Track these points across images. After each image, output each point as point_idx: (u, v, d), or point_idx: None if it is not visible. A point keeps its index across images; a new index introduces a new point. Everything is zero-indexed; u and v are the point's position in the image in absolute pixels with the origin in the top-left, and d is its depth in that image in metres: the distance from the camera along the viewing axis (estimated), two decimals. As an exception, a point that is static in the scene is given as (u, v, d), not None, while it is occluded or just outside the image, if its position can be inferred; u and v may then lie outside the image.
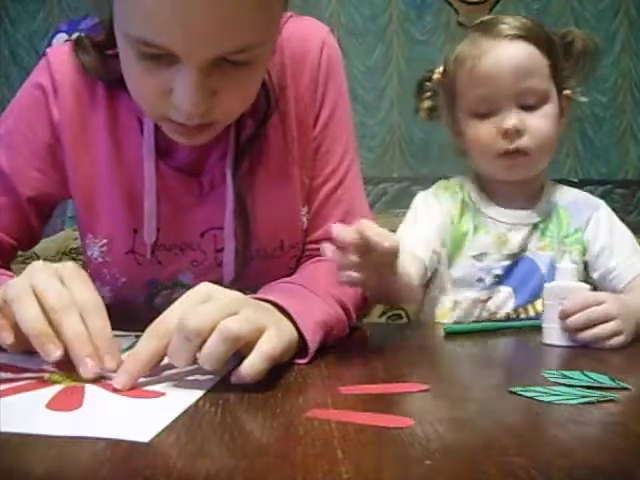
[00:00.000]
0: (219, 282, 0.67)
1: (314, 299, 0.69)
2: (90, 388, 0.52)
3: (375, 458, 0.38)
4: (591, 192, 1.08)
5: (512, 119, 0.91)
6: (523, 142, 0.92)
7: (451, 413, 0.48)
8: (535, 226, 0.98)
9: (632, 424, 0.46)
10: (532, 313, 0.95)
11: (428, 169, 2.59)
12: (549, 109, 0.93)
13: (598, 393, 0.52)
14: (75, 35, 0.87)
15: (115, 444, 0.39)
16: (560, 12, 2.63)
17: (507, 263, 0.96)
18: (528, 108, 0.92)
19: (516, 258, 0.97)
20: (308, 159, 0.85)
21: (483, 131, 0.94)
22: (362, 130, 2.24)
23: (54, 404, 0.47)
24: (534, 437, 0.42)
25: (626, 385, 0.54)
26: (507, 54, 0.91)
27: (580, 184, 2.51)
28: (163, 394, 0.51)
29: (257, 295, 0.65)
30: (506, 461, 0.37)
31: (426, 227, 0.97)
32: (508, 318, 0.95)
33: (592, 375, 0.57)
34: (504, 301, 0.96)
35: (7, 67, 2.56)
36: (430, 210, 0.99)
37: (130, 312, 0.85)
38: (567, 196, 1.02)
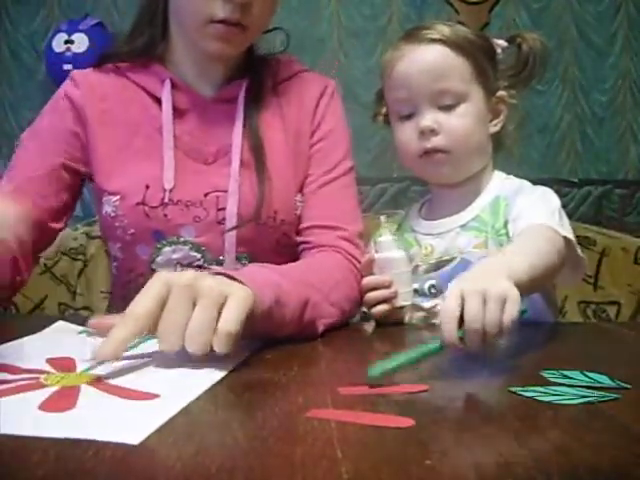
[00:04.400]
0: (218, 240, 0.90)
1: (268, 272, 0.74)
2: (85, 389, 0.52)
3: (375, 458, 0.38)
4: (591, 192, 1.07)
5: (426, 120, 0.94)
6: (439, 141, 0.94)
7: (451, 413, 0.48)
8: (464, 226, 0.96)
9: (632, 424, 0.46)
10: None
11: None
12: (467, 108, 0.94)
13: (598, 393, 0.52)
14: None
15: (115, 444, 0.39)
16: (560, 12, 2.63)
17: (439, 272, 0.95)
18: (445, 108, 0.94)
19: (448, 264, 0.95)
20: (303, 154, 0.98)
21: (404, 132, 0.97)
22: (362, 130, 2.24)
23: (47, 405, 0.47)
24: (534, 437, 0.42)
25: (626, 385, 0.54)
26: (421, 56, 0.94)
27: (580, 184, 2.51)
28: (157, 396, 0.50)
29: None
30: (506, 461, 0.37)
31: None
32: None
33: (592, 375, 0.56)
34: None
35: (7, 67, 2.55)
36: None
37: (134, 282, 0.95)
38: (510, 186, 0.99)
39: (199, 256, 0.92)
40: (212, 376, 0.56)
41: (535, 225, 0.85)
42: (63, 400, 0.49)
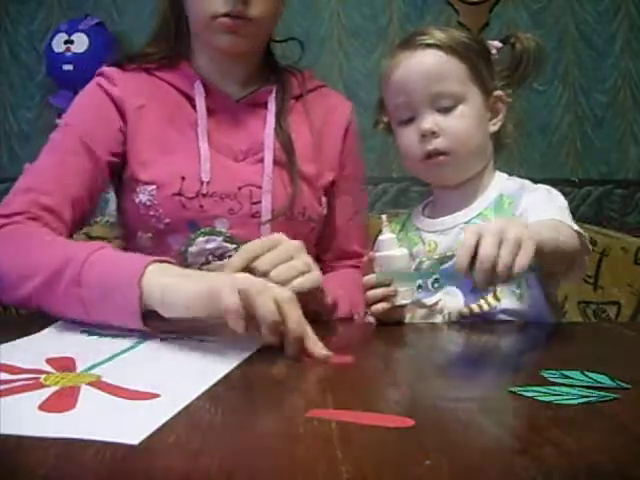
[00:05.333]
0: (251, 232, 0.94)
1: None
2: (85, 389, 0.52)
3: (375, 458, 0.38)
4: (591, 192, 1.07)
5: (426, 122, 0.95)
6: (439, 143, 0.95)
7: (451, 413, 0.48)
8: (467, 223, 0.97)
9: (632, 424, 0.46)
10: (486, 308, 0.93)
11: (428, 169, 2.58)
12: (465, 109, 0.96)
13: (598, 393, 0.52)
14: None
15: (115, 444, 0.39)
16: (560, 12, 2.63)
17: (442, 267, 0.94)
18: (444, 110, 0.95)
19: (451, 258, 0.95)
20: (326, 161, 1.05)
21: (405, 137, 0.98)
22: (362, 130, 2.23)
23: (47, 406, 0.47)
24: (534, 437, 0.42)
25: (626, 385, 0.54)
26: (416, 62, 0.96)
27: (580, 184, 2.51)
28: (157, 396, 0.50)
29: None
30: (506, 461, 0.37)
31: None
32: (462, 316, 0.94)
33: (592, 375, 0.57)
34: (453, 300, 0.95)
35: (7, 67, 2.55)
36: None
37: None
38: (513, 185, 1.00)
39: (232, 247, 0.95)
40: (212, 376, 0.56)
41: (549, 218, 0.86)
42: (63, 400, 0.49)
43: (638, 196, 2.60)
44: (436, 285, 0.95)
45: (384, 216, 0.94)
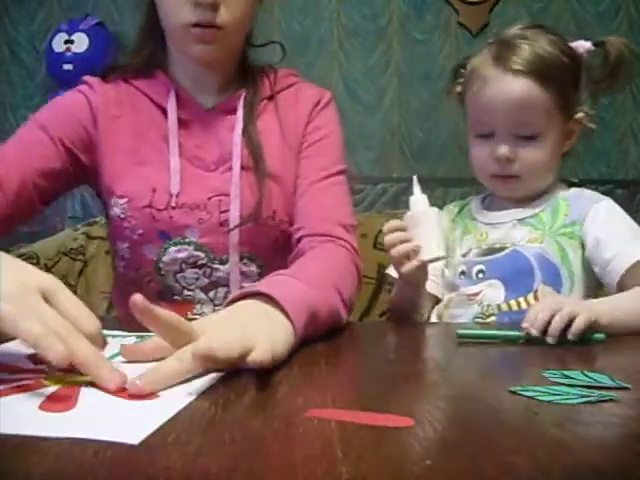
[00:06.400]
0: (221, 240, 0.95)
1: (298, 285, 0.73)
2: (85, 390, 0.52)
3: (375, 458, 0.38)
4: (591, 193, 1.08)
5: (504, 149, 0.97)
6: (513, 169, 0.98)
7: (451, 413, 0.48)
8: (522, 220, 1.01)
9: (632, 424, 0.46)
10: (524, 306, 0.94)
11: (428, 169, 2.59)
12: (545, 140, 0.98)
13: (598, 393, 0.52)
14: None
15: (115, 444, 0.39)
16: (560, 12, 2.63)
17: (489, 257, 0.99)
18: (524, 138, 0.97)
19: (499, 252, 0.99)
20: (299, 156, 1.02)
21: (479, 153, 1.01)
22: (362, 130, 2.22)
23: (47, 406, 0.47)
24: (534, 437, 0.42)
25: (626, 385, 0.54)
26: (508, 90, 0.96)
27: (580, 184, 2.51)
28: (157, 396, 0.50)
29: (249, 290, 0.69)
30: (506, 461, 0.37)
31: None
32: (500, 310, 0.95)
33: (592, 375, 0.57)
34: (494, 293, 0.96)
35: (7, 67, 2.55)
36: None
37: (140, 281, 1.00)
38: (572, 191, 1.05)
39: (203, 255, 0.97)
40: (212, 376, 0.56)
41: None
42: (63, 400, 0.49)
43: (638, 196, 2.60)
44: (480, 275, 0.97)
45: (415, 176, 0.95)
